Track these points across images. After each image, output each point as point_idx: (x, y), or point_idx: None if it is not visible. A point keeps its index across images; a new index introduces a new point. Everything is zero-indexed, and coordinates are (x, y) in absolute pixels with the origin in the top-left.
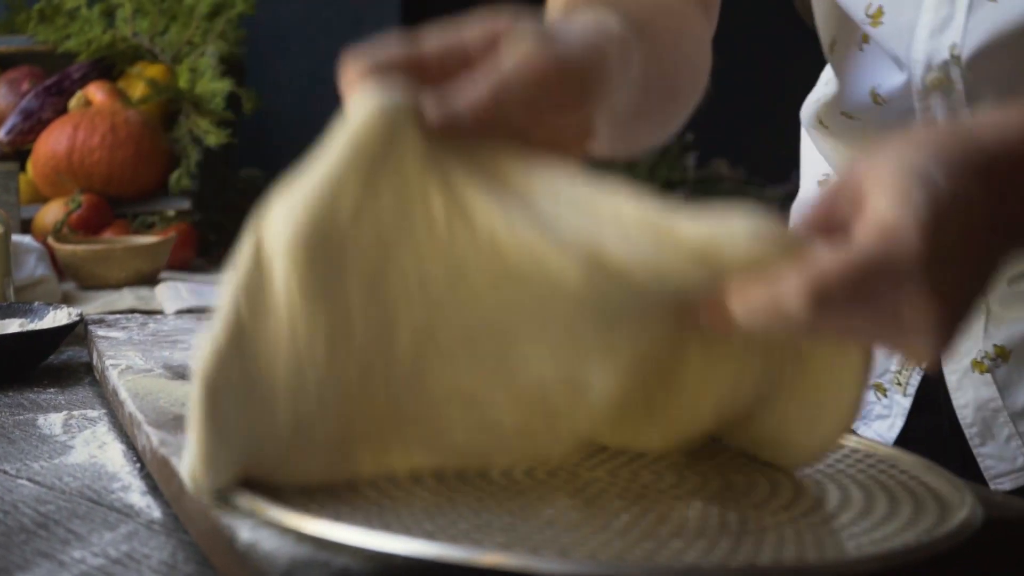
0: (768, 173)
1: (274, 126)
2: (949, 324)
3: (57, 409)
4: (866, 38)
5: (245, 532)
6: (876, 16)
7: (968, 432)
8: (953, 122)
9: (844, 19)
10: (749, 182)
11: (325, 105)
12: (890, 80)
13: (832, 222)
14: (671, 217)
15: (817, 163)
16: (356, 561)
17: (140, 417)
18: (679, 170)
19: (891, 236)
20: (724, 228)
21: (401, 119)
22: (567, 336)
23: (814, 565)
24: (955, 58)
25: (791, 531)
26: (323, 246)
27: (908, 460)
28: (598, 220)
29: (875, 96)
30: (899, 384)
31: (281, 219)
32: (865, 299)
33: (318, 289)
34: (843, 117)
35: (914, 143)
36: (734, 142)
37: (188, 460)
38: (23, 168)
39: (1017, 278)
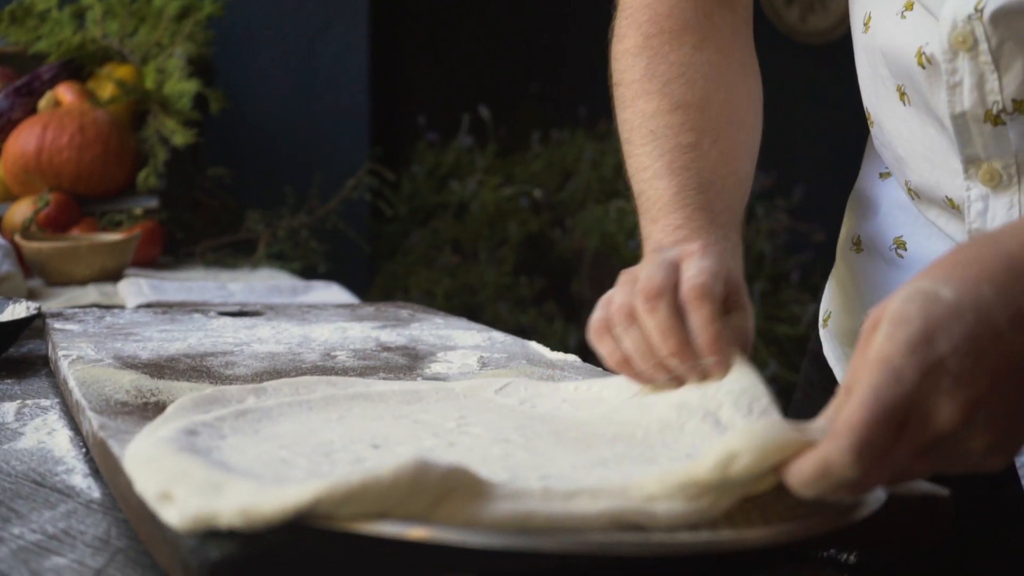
0: None
1: (241, 126)
2: (997, 420)
3: (12, 398)
4: (910, 5)
5: None
6: None
7: (1017, 461)
8: (982, 234)
9: None
10: None
11: (291, 106)
12: (934, 40)
13: None
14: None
15: (876, 160)
16: (268, 532)
17: (84, 403)
18: None
19: (886, 365)
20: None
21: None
22: None
23: (721, 541)
24: (978, 12)
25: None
26: None
27: None
28: None
29: (920, 57)
30: None
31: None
32: (898, 430)
33: None
34: (898, 94)
35: (933, 268)
36: None
37: None
38: None
39: None
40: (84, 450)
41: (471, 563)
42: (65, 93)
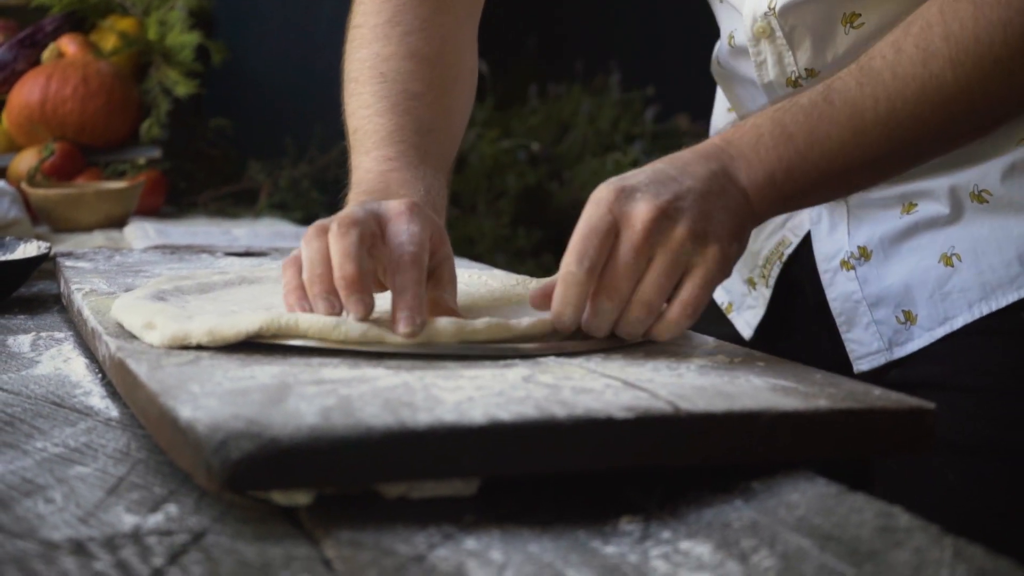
0: None
1: (242, 78)
2: (692, 216)
3: (26, 331)
4: None
5: (186, 411)
6: None
7: (838, 321)
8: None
9: None
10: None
11: (292, 57)
12: (739, 29)
13: None
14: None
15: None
16: (284, 433)
17: (100, 330)
18: (640, 124)
19: (590, 202)
20: None
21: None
22: None
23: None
24: (772, 9)
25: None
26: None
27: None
28: None
29: (731, 40)
30: (763, 277)
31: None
32: (609, 236)
33: None
34: (717, 65)
35: None
36: (696, 96)
37: None
38: None
39: None
40: (100, 375)
41: (474, 463)
42: (68, 45)
